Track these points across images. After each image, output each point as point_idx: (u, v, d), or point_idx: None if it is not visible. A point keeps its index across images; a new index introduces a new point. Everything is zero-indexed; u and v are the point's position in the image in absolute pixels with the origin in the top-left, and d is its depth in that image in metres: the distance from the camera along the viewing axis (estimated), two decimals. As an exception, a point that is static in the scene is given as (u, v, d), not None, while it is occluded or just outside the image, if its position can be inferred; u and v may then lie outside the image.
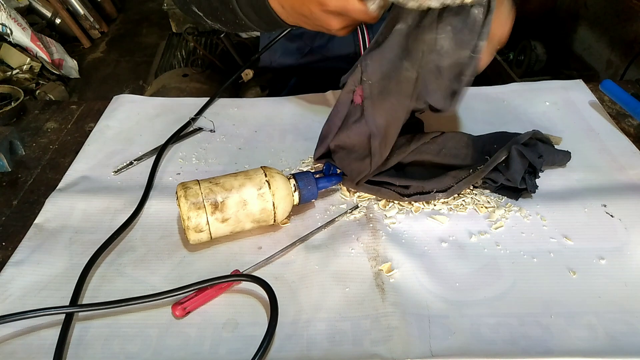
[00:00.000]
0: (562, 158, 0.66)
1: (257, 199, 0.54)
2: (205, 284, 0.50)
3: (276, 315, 0.47)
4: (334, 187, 0.62)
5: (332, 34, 0.58)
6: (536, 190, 0.61)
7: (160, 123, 0.78)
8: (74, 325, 0.49)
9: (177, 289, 0.50)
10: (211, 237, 0.55)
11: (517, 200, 0.61)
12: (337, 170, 0.62)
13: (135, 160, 0.69)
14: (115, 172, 0.68)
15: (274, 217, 0.56)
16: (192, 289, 0.50)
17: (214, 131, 0.73)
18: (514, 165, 0.59)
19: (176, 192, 0.54)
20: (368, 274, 0.53)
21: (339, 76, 0.60)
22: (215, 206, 0.53)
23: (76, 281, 0.52)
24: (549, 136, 0.67)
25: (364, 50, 0.89)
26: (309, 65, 0.94)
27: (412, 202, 0.61)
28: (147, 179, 0.66)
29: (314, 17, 0.55)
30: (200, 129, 0.75)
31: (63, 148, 0.74)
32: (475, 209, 0.60)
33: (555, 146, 0.67)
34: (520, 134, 0.64)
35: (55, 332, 0.48)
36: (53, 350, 0.46)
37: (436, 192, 0.60)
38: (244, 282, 0.51)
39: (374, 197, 0.62)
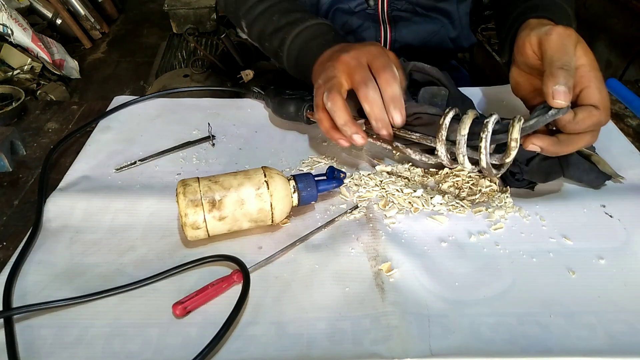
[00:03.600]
0: (594, 179, 0.62)
1: (255, 199, 0.54)
2: (177, 270, 0.53)
3: (247, 286, 0.51)
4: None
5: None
6: (518, 186, 0.63)
7: (161, 123, 0.78)
8: (74, 325, 0.49)
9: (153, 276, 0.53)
10: (208, 234, 0.55)
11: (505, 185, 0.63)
12: (341, 174, 0.62)
13: (139, 160, 0.70)
14: (117, 169, 0.68)
15: (272, 217, 0.56)
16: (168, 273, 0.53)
17: (214, 145, 0.74)
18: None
19: (176, 189, 0.54)
20: (368, 273, 0.53)
21: None
22: (213, 204, 0.53)
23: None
24: (609, 170, 0.63)
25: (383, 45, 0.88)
26: None
27: (412, 203, 0.61)
28: (148, 179, 0.67)
29: (322, 70, 0.62)
30: (214, 137, 0.75)
31: (64, 148, 0.74)
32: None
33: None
34: None
35: (55, 330, 0.48)
36: (54, 348, 0.46)
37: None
38: (242, 281, 0.52)
39: (374, 196, 0.62)
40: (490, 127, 0.51)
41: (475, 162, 0.54)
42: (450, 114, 0.54)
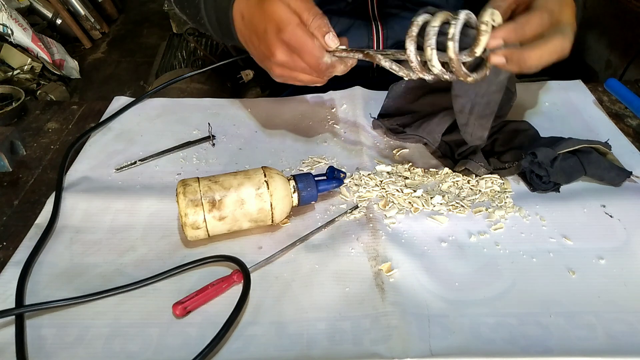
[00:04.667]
0: (615, 177, 0.62)
1: (255, 199, 0.54)
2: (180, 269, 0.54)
3: (248, 286, 0.51)
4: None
5: (269, 70, 0.59)
6: (540, 191, 0.62)
7: (161, 123, 0.78)
8: (74, 325, 0.49)
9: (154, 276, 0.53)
10: (209, 234, 0.55)
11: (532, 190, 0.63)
12: (341, 174, 0.62)
13: (139, 160, 0.70)
14: (118, 169, 0.68)
15: (272, 217, 0.56)
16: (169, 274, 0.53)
17: (214, 145, 0.73)
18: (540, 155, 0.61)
19: (176, 189, 0.54)
20: (368, 273, 0.53)
21: (343, 75, 0.59)
22: (213, 204, 0.53)
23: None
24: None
25: (377, 47, 0.87)
26: None
27: (412, 203, 0.61)
28: (148, 179, 0.67)
29: (264, 39, 0.55)
30: (214, 137, 0.74)
31: (64, 148, 0.74)
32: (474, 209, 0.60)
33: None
34: (593, 141, 0.64)
35: (56, 330, 0.48)
36: (54, 348, 0.46)
37: (482, 167, 0.64)
38: (242, 281, 0.52)
39: (374, 196, 0.62)
40: (462, 16, 0.47)
41: (446, 64, 0.50)
42: (423, 15, 0.50)
